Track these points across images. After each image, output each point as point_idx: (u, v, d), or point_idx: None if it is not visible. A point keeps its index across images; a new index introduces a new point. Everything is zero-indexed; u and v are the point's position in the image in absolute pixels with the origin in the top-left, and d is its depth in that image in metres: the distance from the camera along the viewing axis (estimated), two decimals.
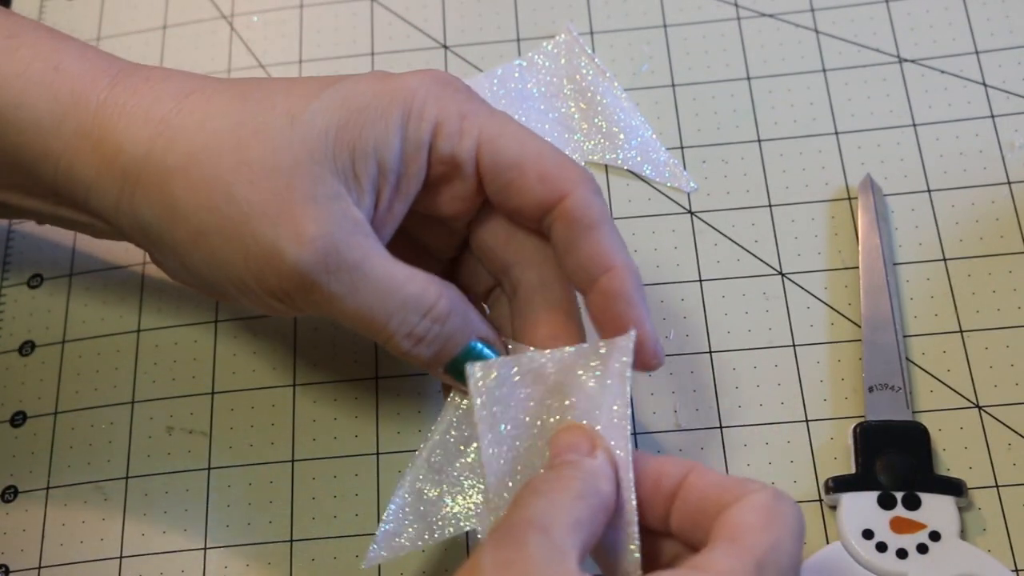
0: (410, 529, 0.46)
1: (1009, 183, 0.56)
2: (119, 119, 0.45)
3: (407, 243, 0.48)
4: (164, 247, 0.46)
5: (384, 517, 0.46)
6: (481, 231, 0.48)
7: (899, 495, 0.49)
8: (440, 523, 0.46)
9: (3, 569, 0.52)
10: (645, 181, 0.58)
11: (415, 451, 0.52)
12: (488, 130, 0.46)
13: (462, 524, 0.46)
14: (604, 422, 0.43)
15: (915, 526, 0.48)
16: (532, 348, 0.46)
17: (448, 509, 0.46)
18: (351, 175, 0.44)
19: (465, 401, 0.47)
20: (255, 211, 0.43)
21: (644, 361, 0.45)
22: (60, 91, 0.45)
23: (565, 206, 0.45)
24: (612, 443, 0.43)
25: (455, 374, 0.46)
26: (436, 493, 0.46)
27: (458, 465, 0.47)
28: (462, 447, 0.47)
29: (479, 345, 0.46)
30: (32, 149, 0.45)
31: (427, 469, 0.47)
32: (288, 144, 0.44)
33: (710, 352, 0.53)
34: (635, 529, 0.41)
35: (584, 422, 0.44)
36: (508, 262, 0.48)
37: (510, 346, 0.47)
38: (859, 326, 0.53)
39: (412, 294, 0.44)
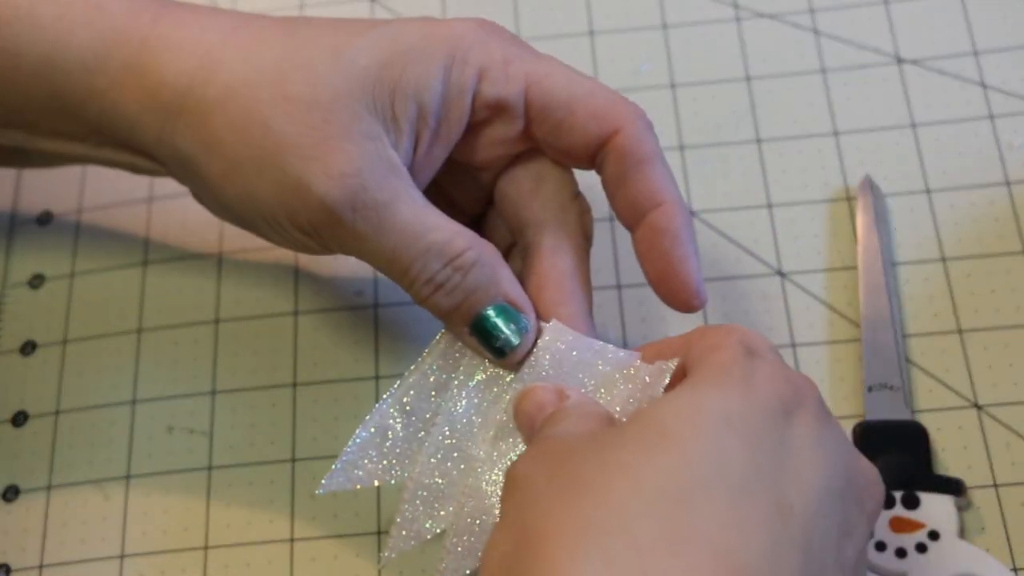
0: (368, 464, 0.46)
1: (1008, 183, 0.56)
2: (163, 52, 0.45)
3: (437, 195, 0.48)
4: (200, 181, 0.46)
5: (347, 447, 0.46)
6: (506, 185, 0.48)
7: (898, 494, 0.49)
8: (398, 464, 0.46)
9: (4, 568, 0.52)
10: None
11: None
12: (535, 72, 0.46)
13: (422, 473, 0.46)
14: None
15: (914, 525, 0.48)
16: (562, 328, 0.46)
17: (410, 452, 0.46)
18: (390, 116, 0.44)
19: (448, 348, 0.47)
20: (289, 144, 0.43)
21: (685, 301, 0.45)
22: (103, 28, 0.45)
23: (617, 141, 0.45)
24: None
25: (478, 334, 0.46)
26: (402, 434, 0.47)
27: (428, 415, 0.47)
28: (433, 394, 0.47)
29: (503, 307, 0.45)
30: (77, 89, 0.46)
31: (398, 409, 0.47)
32: (329, 79, 0.44)
33: None
34: None
35: None
36: (526, 221, 0.48)
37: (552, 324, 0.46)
38: (858, 326, 0.53)
39: (437, 240, 0.44)
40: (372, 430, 0.47)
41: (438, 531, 0.45)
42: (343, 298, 0.56)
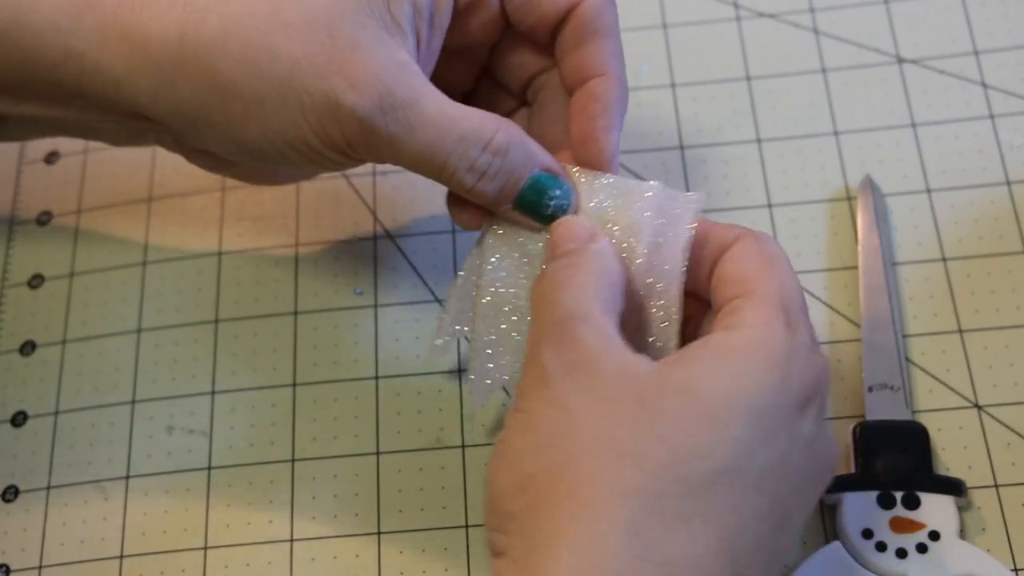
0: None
1: (1008, 183, 0.56)
2: (142, 9, 0.45)
3: (432, 81, 0.49)
4: (214, 128, 0.46)
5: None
6: (505, 50, 0.50)
7: (899, 495, 0.49)
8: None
9: (4, 569, 0.52)
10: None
11: (414, 450, 0.52)
12: None
13: (479, 331, 0.47)
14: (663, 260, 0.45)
15: (915, 526, 0.48)
16: (595, 174, 0.47)
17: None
18: (389, 19, 0.45)
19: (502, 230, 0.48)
20: (303, 67, 0.44)
21: (598, 167, 0.47)
22: None
23: (579, 11, 0.47)
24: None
25: (525, 209, 0.47)
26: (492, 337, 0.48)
27: (474, 277, 0.48)
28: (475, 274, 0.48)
29: (544, 177, 0.47)
30: (53, 52, 0.45)
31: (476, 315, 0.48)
32: None
33: None
34: (676, 311, 0.45)
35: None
36: (532, 71, 0.50)
37: (575, 171, 0.48)
38: (859, 326, 0.53)
39: (470, 128, 0.45)
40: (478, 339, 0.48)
41: (507, 377, 0.47)
42: (343, 298, 0.56)
